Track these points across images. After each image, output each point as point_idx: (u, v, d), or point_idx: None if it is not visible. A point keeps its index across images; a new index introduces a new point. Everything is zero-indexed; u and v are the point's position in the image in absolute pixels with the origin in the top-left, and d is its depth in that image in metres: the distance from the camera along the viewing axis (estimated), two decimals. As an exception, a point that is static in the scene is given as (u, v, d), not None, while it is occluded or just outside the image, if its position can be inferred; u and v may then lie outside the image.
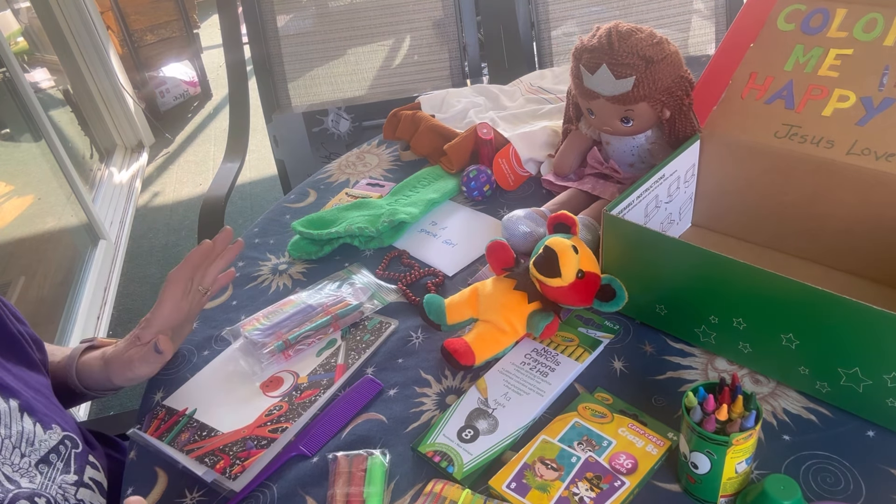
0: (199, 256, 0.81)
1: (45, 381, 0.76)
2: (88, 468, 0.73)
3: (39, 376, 0.76)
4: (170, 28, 3.47)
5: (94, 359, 0.82)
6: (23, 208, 2.18)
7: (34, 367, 0.76)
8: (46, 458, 0.68)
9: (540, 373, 0.76)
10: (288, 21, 1.74)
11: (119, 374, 0.79)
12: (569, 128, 1.04)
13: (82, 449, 0.73)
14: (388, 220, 1.00)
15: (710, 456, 0.58)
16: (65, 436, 0.72)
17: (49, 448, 0.69)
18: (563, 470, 0.65)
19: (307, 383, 0.80)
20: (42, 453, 0.68)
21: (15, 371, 0.72)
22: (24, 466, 0.66)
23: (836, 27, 0.80)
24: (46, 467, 0.68)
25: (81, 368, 0.82)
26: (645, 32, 0.85)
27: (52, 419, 0.71)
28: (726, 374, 0.74)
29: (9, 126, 2.32)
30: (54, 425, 0.71)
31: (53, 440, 0.70)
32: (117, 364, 0.79)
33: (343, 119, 1.70)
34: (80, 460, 0.72)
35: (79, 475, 0.71)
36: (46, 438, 0.69)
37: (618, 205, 0.77)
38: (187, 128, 3.48)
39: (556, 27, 1.71)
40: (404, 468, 0.69)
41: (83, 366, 0.82)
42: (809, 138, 0.79)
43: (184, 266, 0.81)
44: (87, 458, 0.73)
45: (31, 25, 2.89)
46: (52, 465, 0.68)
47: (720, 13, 1.67)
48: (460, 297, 0.83)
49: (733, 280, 0.68)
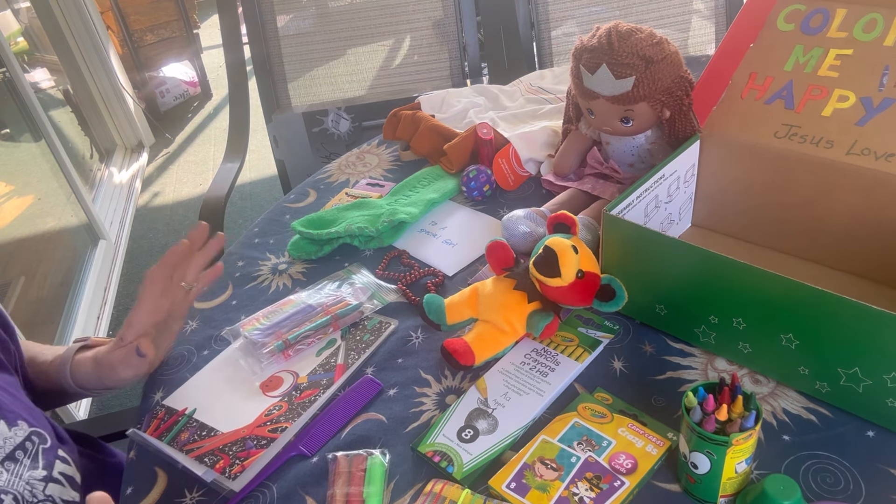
0: (176, 255, 0.81)
1: (10, 379, 0.76)
2: (58, 462, 0.72)
3: (3, 374, 0.75)
4: (170, 28, 3.47)
5: (87, 359, 0.82)
6: (23, 208, 2.18)
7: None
8: (12, 454, 0.68)
9: (540, 373, 0.76)
10: (288, 21, 1.74)
11: (107, 377, 0.79)
12: (569, 128, 1.04)
13: (51, 444, 0.73)
14: (388, 220, 1.00)
15: (709, 456, 0.58)
16: (32, 431, 0.71)
17: (15, 445, 0.69)
18: (563, 470, 0.65)
19: (307, 383, 0.80)
20: (7, 451, 0.68)
21: None
22: None
23: (836, 27, 0.80)
24: (12, 464, 0.67)
25: (75, 368, 0.82)
26: (645, 32, 0.85)
27: (17, 416, 0.71)
28: (726, 374, 0.74)
29: (9, 126, 2.32)
30: (20, 422, 0.71)
31: (19, 437, 0.69)
32: (104, 366, 0.79)
33: (343, 119, 1.70)
34: (49, 455, 0.72)
35: (47, 470, 0.70)
36: (11, 435, 0.69)
37: (618, 205, 0.77)
38: (187, 128, 3.48)
39: (556, 27, 1.71)
40: (404, 468, 0.69)
41: (77, 366, 0.82)
42: (809, 138, 0.79)
43: (161, 265, 0.81)
44: (56, 452, 0.73)
45: (31, 25, 2.89)
46: (18, 462, 0.68)
47: (720, 13, 1.67)
48: (460, 297, 0.83)
49: (733, 280, 0.68)
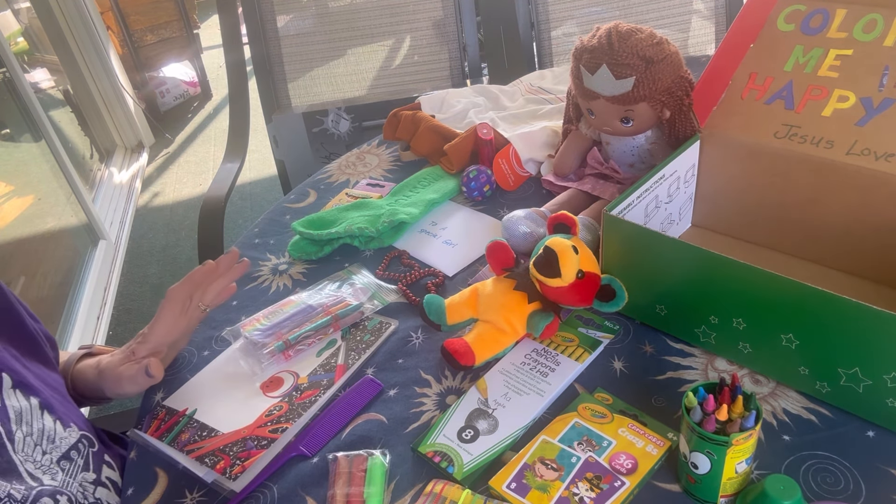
0: (202, 275, 0.81)
1: (61, 380, 0.76)
2: (105, 467, 0.73)
3: (56, 375, 0.76)
4: (170, 28, 3.47)
5: (90, 367, 0.81)
6: (23, 208, 2.17)
7: (50, 366, 0.76)
8: (68, 454, 0.69)
9: (540, 373, 0.76)
10: (288, 21, 1.74)
11: (110, 388, 0.79)
12: (569, 128, 1.04)
13: (98, 448, 0.74)
14: (388, 220, 1.00)
15: (709, 456, 0.58)
16: (82, 435, 0.72)
17: (69, 445, 0.69)
18: (563, 470, 0.65)
19: (307, 383, 0.80)
20: (63, 450, 0.68)
21: (34, 369, 0.72)
22: (45, 463, 0.66)
23: (836, 28, 0.80)
24: (68, 464, 0.68)
25: (76, 376, 0.81)
26: (645, 33, 0.85)
27: (69, 417, 0.72)
28: (726, 374, 0.74)
29: (9, 126, 2.32)
30: (72, 423, 0.71)
31: (73, 438, 0.70)
32: (109, 377, 0.78)
33: (343, 119, 1.70)
34: (98, 459, 0.73)
35: (97, 473, 0.71)
36: (66, 436, 0.70)
37: (618, 205, 0.77)
38: (187, 128, 3.48)
39: (556, 27, 1.71)
40: (404, 468, 0.69)
41: (78, 373, 0.81)
42: (809, 138, 0.79)
43: (184, 284, 0.80)
44: (103, 457, 0.74)
45: (31, 25, 2.89)
46: (73, 462, 0.69)
47: (720, 13, 1.67)
48: (460, 297, 0.83)
49: (733, 280, 0.68)
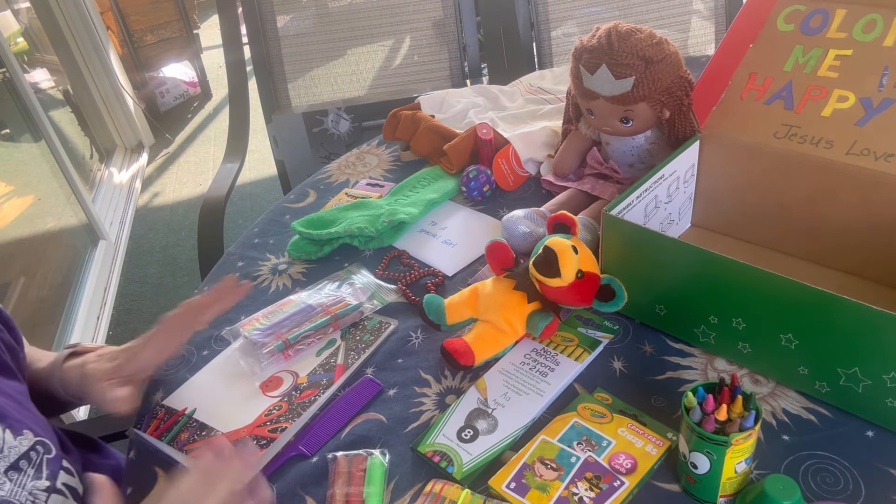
0: (199, 306, 0.79)
1: (20, 387, 0.74)
2: (62, 473, 0.71)
3: (14, 382, 0.74)
4: (170, 28, 3.47)
5: (75, 368, 0.79)
6: (23, 208, 2.18)
7: (7, 373, 0.74)
8: (16, 464, 0.67)
9: (539, 373, 0.76)
10: (288, 21, 1.74)
11: (87, 394, 0.77)
12: (568, 128, 1.04)
13: (55, 454, 0.72)
14: (388, 220, 1.00)
15: (709, 456, 0.58)
16: (37, 441, 0.70)
17: (19, 454, 0.67)
18: (563, 470, 0.65)
19: (307, 383, 0.80)
20: (11, 460, 0.66)
21: None
22: None
23: (836, 28, 0.80)
24: (16, 474, 0.66)
25: (64, 376, 0.79)
26: (645, 33, 0.85)
27: (23, 424, 0.70)
28: (726, 374, 0.74)
29: (9, 126, 2.32)
30: (25, 431, 0.69)
31: (24, 446, 0.68)
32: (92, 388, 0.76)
33: (343, 119, 1.70)
34: (53, 466, 0.71)
35: (51, 481, 0.69)
36: (16, 444, 0.68)
37: (617, 205, 0.77)
38: (187, 128, 3.48)
39: (556, 27, 1.71)
40: (404, 468, 0.69)
41: (65, 373, 0.79)
42: (809, 138, 0.79)
43: (179, 315, 0.78)
44: (60, 463, 0.72)
45: (31, 25, 2.89)
46: (22, 472, 0.67)
47: (720, 13, 1.67)
48: (460, 297, 0.83)
49: (733, 280, 0.68)
